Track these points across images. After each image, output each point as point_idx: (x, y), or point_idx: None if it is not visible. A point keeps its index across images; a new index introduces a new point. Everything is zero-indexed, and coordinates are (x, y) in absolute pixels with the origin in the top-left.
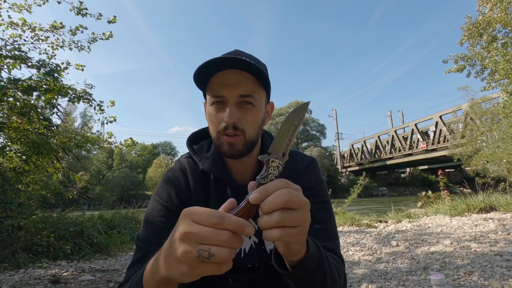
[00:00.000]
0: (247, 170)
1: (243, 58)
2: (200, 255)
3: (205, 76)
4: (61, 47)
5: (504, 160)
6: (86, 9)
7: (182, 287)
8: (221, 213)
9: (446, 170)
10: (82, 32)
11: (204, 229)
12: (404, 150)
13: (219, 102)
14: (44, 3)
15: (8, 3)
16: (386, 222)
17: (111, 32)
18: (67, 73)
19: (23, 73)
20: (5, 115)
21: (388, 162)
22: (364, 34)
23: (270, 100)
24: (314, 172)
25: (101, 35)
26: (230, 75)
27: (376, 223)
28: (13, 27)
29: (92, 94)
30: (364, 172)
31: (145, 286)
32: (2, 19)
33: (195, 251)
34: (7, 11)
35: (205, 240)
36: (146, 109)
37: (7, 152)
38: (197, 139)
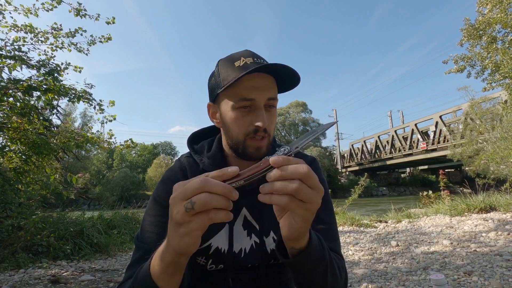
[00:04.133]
0: None
1: (281, 64)
2: (186, 209)
3: (231, 80)
4: (60, 48)
5: (511, 160)
6: (85, 10)
7: (183, 286)
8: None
9: (446, 170)
10: (81, 34)
11: (185, 185)
12: (404, 150)
13: (247, 106)
14: (52, 9)
15: (12, 5)
16: (386, 222)
17: (109, 34)
18: (67, 73)
19: (23, 73)
20: (5, 115)
21: (388, 162)
22: (364, 34)
23: None
24: (316, 172)
25: (100, 38)
26: (257, 79)
27: (376, 223)
28: (15, 29)
29: (92, 94)
30: (366, 173)
31: (153, 275)
32: (6, 21)
33: (183, 207)
34: (10, 12)
35: (187, 195)
36: (147, 109)
37: (7, 152)
38: (198, 139)
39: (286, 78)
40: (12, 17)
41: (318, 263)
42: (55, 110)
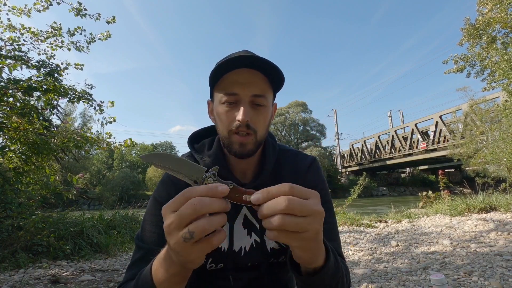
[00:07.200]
0: (248, 169)
1: (260, 57)
2: (184, 239)
3: (217, 74)
4: (60, 47)
5: (505, 159)
6: (85, 10)
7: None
8: (188, 188)
9: (446, 170)
10: (80, 33)
11: (178, 212)
12: (404, 150)
13: (231, 101)
14: (44, 10)
15: (8, 5)
16: (386, 222)
17: (108, 32)
18: (67, 73)
19: (23, 73)
20: (5, 116)
21: (388, 162)
22: (365, 33)
23: (274, 101)
24: (316, 172)
25: (99, 35)
26: (243, 74)
27: (376, 223)
28: (11, 29)
29: (92, 95)
30: (364, 173)
31: (157, 283)
32: (1, 21)
33: (180, 238)
34: (7, 13)
35: (182, 222)
36: (147, 109)
37: (7, 152)
38: (199, 138)
39: (273, 72)
40: (8, 19)
41: (332, 279)
42: (55, 110)
